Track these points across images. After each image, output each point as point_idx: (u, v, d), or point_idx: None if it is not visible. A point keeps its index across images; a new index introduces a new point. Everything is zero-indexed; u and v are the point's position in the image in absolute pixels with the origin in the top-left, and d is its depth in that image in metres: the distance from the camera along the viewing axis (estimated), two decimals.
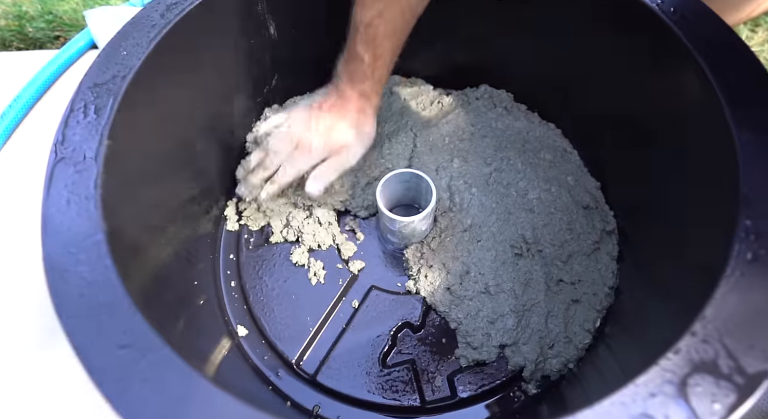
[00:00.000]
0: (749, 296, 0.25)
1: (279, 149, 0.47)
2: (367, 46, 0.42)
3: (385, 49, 0.42)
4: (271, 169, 0.48)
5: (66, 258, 0.28)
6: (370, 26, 0.41)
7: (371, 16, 0.40)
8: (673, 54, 0.35)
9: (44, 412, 0.45)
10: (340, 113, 0.46)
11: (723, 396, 0.23)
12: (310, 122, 0.47)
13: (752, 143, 0.29)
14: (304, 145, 0.47)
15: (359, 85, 0.45)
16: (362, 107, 0.46)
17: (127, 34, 0.37)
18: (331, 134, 0.47)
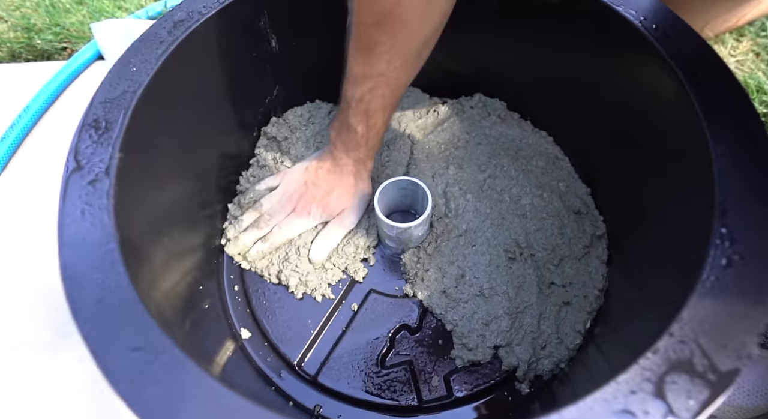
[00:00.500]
0: (723, 299, 0.27)
1: (275, 211, 0.50)
2: (359, 119, 0.43)
3: (377, 120, 0.44)
4: (265, 230, 0.49)
5: (81, 266, 0.30)
6: (362, 102, 0.42)
7: (362, 92, 0.41)
8: (655, 70, 0.37)
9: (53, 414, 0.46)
10: (337, 179, 0.49)
11: (697, 393, 0.24)
12: (307, 187, 0.49)
13: (727, 155, 0.30)
14: (302, 209, 0.49)
15: (354, 153, 0.47)
16: (358, 171, 0.48)
17: (136, 51, 0.39)
18: (329, 202, 0.49)
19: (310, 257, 0.49)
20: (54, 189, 0.58)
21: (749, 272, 0.27)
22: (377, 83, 0.40)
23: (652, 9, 0.39)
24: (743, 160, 0.30)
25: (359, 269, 0.50)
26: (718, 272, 0.27)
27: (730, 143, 0.31)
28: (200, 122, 0.45)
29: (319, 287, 0.49)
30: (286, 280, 0.49)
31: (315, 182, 0.49)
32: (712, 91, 0.33)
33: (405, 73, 0.41)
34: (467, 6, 0.49)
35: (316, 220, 0.50)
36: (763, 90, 0.61)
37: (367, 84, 0.41)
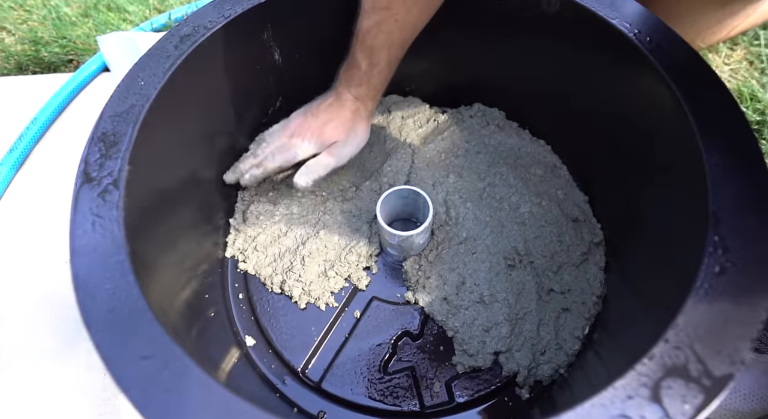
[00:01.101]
0: (717, 306, 0.28)
1: (272, 139, 0.50)
2: (364, 54, 0.45)
3: (381, 58, 0.45)
4: (260, 157, 0.49)
5: (93, 277, 0.31)
6: (368, 35, 0.43)
7: (369, 25, 0.43)
8: (650, 81, 0.38)
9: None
10: (336, 112, 0.49)
11: (692, 397, 0.25)
12: (306, 118, 0.50)
13: (720, 165, 0.31)
14: (296, 138, 0.49)
15: (356, 89, 0.48)
16: (357, 109, 0.49)
17: (144, 65, 0.40)
18: (324, 131, 0.49)
19: (294, 181, 0.48)
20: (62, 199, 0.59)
21: (742, 279, 0.28)
22: (384, 17, 0.41)
23: (645, 22, 0.40)
24: (735, 170, 0.31)
25: (362, 277, 0.51)
26: (712, 280, 0.28)
27: (722, 153, 0.32)
28: (205, 134, 0.46)
29: (322, 296, 0.50)
30: (289, 290, 0.50)
31: (314, 113, 0.49)
32: (705, 103, 0.34)
33: (414, 11, 0.42)
34: (467, 17, 0.50)
35: (310, 148, 0.49)
36: (756, 98, 0.62)
37: (375, 17, 0.42)
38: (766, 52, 0.67)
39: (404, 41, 0.44)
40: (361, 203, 0.54)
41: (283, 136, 0.50)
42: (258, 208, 0.54)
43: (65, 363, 0.49)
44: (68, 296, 0.52)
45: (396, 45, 0.44)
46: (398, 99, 0.62)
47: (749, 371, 0.41)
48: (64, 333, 0.51)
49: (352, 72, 0.47)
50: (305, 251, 0.51)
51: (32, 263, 0.55)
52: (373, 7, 0.41)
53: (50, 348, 0.50)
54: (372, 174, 0.56)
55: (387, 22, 0.42)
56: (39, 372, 0.49)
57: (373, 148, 0.57)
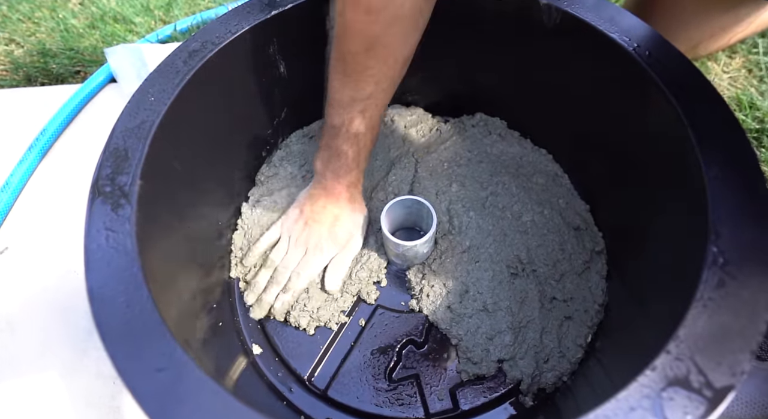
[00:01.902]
0: (717, 318, 0.28)
1: (287, 261, 0.50)
2: (350, 144, 0.45)
3: (366, 141, 0.45)
4: (283, 282, 0.49)
5: (107, 290, 0.31)
6: (351, 125, 0.43)
7: (351, 116, 0.43)
8: (649, 95, 0.38)
9: None
10: (335, 208, 0.49)
11: (694, 409, 0.26)
12: (309, 226, 0.50)
13: (719, 178, 0.32)
14: (314, 249, 0.49)
15: (345, 178, 0.48)
16: (352, 195, 0.50)
17: (154, 81, 0.41)
18: (336, 232, 0.50)
19: (326, 290, 0.49)
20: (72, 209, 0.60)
21: (741, 291, 0.29)
22: (366, 106, 0.42)
23: (644, 36, 0.41)
24: (734, 183, 0.32)
25: (371, 291, 0.51)
26: (712, 292, 0.29)
27: (722, 166, 0.32)
28: (214, 147, 0.47)
29: (332, 318, 0.50)
30: (296, 321, 0.49)
31: (315, 219, 0.49)
32: (704, 116, 0.35)
33: (391, 91, 0.43)
34: (468, 30, 0.51)
35: (331, 254, 0.50)
36: (755, 106, 0.63)
37: (357, 107, 0.42)
38: (765, 60, 0.68)
39: (382, 118, 0.46)
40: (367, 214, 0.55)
41: (298, 252, 0.50)
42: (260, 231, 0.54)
43: (75, 371, 0.50)
44: (78, 305, 0.54)
45: (377, 125, 0.45)
46: (401, 109, 0.62)
47: (750, 378, 0.42)
48: (74, 342, 0.52)
49: (339, 163, 0.46)
50: None
51: (43, 273, 0.56)
52: (353, 99, 0.42)
53: (60, 356, 0.51)
54: (377, 184, 0.56)
55: (369, 108, 0.43)
56: (49, 380, 0.50)
57: (377, 157, 0.58)
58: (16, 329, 0.53)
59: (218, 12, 0.79)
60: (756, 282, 0.28)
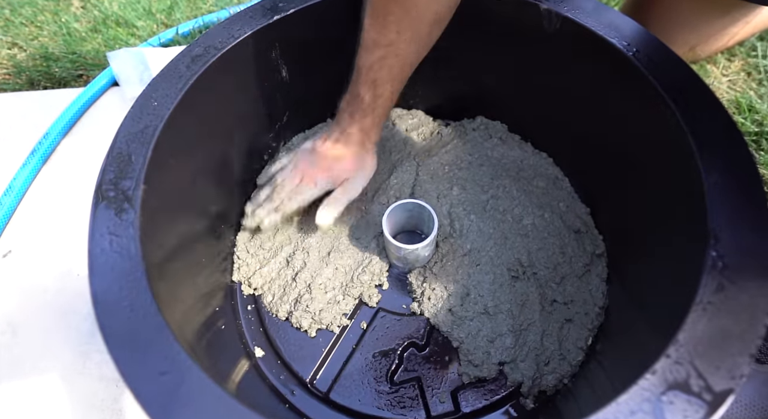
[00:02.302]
0: (716, 322, 0.28)
1: (285, 183, 0.51)
2: (367, 87, 0.46)
3: (384, 90, 0.46)
4: (277, 201, 0.51)
5: (111, 294, 0.32)
6: (371, 70, 0.44)
7: (372, 60, 0.44)
8: (649, 100, 0.39)
9: None
10: (342, 149, 0.50)
11: (693, 412, 0.26)
12: (314, 157, 0.51)
13: (719, 184, 0.32)
14: (309, 179, 0.50)
15: (360, 121, 0.48)
16: (363, 141, 0.50)
17: (157, 86, 0.41)
18: (334, 169, 0.50)
19: (316, 223, 0.50)
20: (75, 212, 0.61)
21: (740, 295, 0.29)
22: (387, 53, 0.43)
23: (644, 42, 0.41)
24: (733, 189, 0.32)
25: (373, 295, 0.51)
26: (712, 296, 0.29)
27: (721, 172, 0.33)
28: (216, 152, 0.48)
29: (334, 320, 0.50)
30: (298, 322, 0.50)
31: (321, 152, 0.51)
32: (704, 122, 0.35)
33: (414, 47, 0.43)
34: (470, 33, 0.52)
35: (322, 188, 0.51)
36: (754, 109, 0.63)
37: (378, 53, 0.43)
38: (764, 63, 0.68)
39: (404, 76, 0.46)
40: (368, 217, 0.55)
41: (295, 178, 0.51)
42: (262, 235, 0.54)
43: (77, 374, 0.50)
44: (80, 308, 0.54)
45: (397, 79, 0.46)
46: (402, 112, 0.63)
47: (750, 381, 0.42)
48: (77, 345, 0.52)
49: (356, 105, 0.47)
50: (315, 283, 0.51)
51: (45, 276, 0.56)
52: (375, 43, 0.43)
53: (62, 358, 0.51)
54: (379, 187, 0.57)
55: (389, 57, 0.43)
56: (51, 382, 0.50)
57: (379, 161, 0.58)
58: (18, 331, 0.53)
59: (220, 16, 0.80)
60: (755, 286, 0.29)
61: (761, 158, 0.59)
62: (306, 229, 0.55)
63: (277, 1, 0.47)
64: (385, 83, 0.45)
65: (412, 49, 0.44)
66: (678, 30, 0.62)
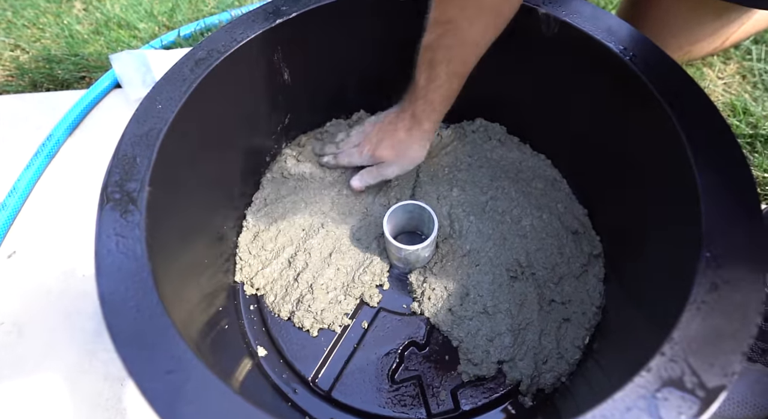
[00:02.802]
0: (710, 321, 0.29)
1: (348, 142, 0.57)
2: (423, 69, 0.44)
3: (440, 72, 0.43)
4: (337, 151, 0.57)
5: (118, 295, 0.32)
6: (428, 49, 0.43)
7: (430, 40, 0.42)
8: (646, 105, 0.39)
9: None
10: (391, 130, 0.51)
11: (687, 408, 0.27)
12: (371, 130, 0.54)
13: (713, 186, 0.33)
14: (358, 148, 0.54)
15: (412, 105, 0.48)
16: (410, 128, 0.49)
17: (161, 89, 0.42)
18: (377, 149, 0.52)
19: (350, 183, 0.55)
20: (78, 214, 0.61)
21: (733, 295, 0.30)
22: (444, 31, 0.41)
23: (641, 46, 0.42)
24: (727, 191, 0.33)
25: (374, 295, 0.52)
26: (706, 295, 0.30)
27: (714, 174, 0.33)
28: (219, 153, 0.48)
29: (336, 320, 0.51)
30: (300, 322, 0.50)
31: (378, 128, 0.53)
32: (698, 125, 0.36)
33: (478, 26, 0.40)
34: None
35: (363, 160, 0.54)
36: (749, 111, 0.64)
37: (436, 31, 0.41)
38: (758, 66, 0.69)
39: (465, 59, 0.43)
40: (369, 218, 0.56)
41: (353, 141, 0.56)
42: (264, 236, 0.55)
43: (83, 373, 0.51)
44: (85, 308, 0.54)
45: (456, 61, 0.42)
46: None
47: (742, 379, 0.43)
48: (81, 344, 0.52)
49: (412, 87, 0.47)
50: (317, 283, 0.52)
51: (50, 276, 0.57)
52: (435, 20, 0.41)
53: (67, 358, 0.52)
54: (380, 189, 0.58)
55: (447, 35, 0.41)
56: (56, 381, 0.51)
57: None
58: (24, 331, 0.53)
59: (222, 18, 0.80)
60: (747, 286, 0.29)
61: (755, 160, 0.60)
62: (308, 230, 0.55)
63: (279, 5, 0.48)
64: (441, 64, 0.43)
65: (476, 29, 0.40)
66: (673, 32, 0.63)
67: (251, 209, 0.57)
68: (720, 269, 0.30)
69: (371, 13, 0.51)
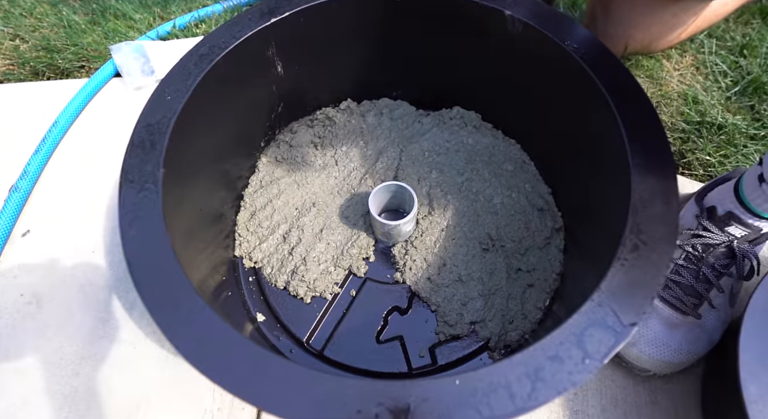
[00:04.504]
0: (630, 274, 0.36)
1: None
2: None
3: None
4: None
5: (143, 259, 0.38)
6: None
7: None
8: (593, 98, 0.45)
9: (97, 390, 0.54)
10: None
11: (607, 340, 0.33)
12: None
13: (641, 165, 0.40)
14: None
15: None
16: None
17: (170, 82, 0.47)
18: None
19: None
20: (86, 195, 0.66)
21: (650, 254, 0.36)
22: None
23: (591, 46, 0.48)
24: (651, 170, 0.40)
25: (361, 266, 0.58)
26: (628, 254, 0.37)
27: (642, 156, 0.40)
28: (221, 139, 0.53)
29: (327, 288, 0.56)
30: (295, 291, 0.56)
31: None
32: (633, 114, 0.42)
33: None
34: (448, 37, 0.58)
35: None
36: (699, 101, 0.71)
37: None
38: (710, 59, 0.76)
39: None
40: (356, 198, 0.62)
41: None
42: (260, 215, 0.60)
43: (99, 338, 0.56)
44: (97, 281, 0.60)
45: None
46: (389, 102, 0.69)
47: (678, 330, 0.50)
48: (96, 313, 0.58)
49: None
50: (308, 252, 0.57)
51: (63, 253, 0.62)
52: None
53: (85, 325, 0.57)
54: (366, 171, 0.63)
55: None
56: (77, 345, 0.56)
57: (368, 146, 0.65)
58: (42, 302, 0.59)
59: (215, 9, 0.84)
60: (661, 246, 0.36)
61: (701, 144, 0.67)
62: (300, 209, 0.61)
63: (273, 4, 0.53)
64: None
65: None
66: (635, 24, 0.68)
67: (248, 191, 0.63)
68: (641, 234, 0.37)
69: (357, 13, 0.56)
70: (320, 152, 0.65)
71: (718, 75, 0.74)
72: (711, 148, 0.66)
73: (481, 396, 0.32)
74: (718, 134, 0.67)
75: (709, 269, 0.49)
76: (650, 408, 0.52)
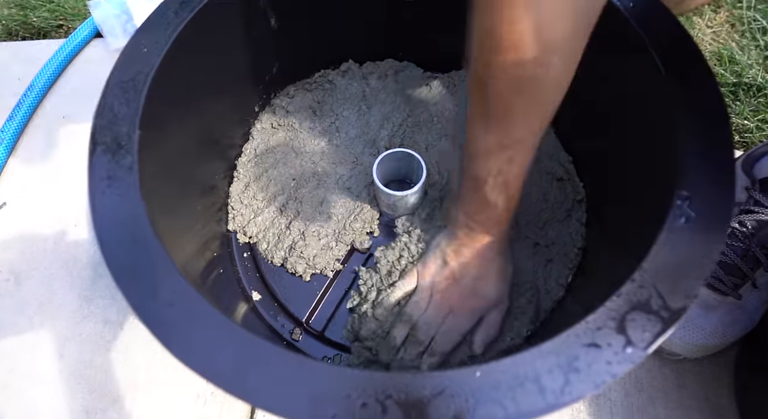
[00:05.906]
0: (677, 252, 0.31)
1: (430, 320, 0.44)
2: (498, 193, 0.39)
3: (518, 185, 0.40)
4: (426, 342, 0.44)
5: (114, 234, 0.33)
6: (500, 175, 0.38)
7: (500, 165, 0.37)
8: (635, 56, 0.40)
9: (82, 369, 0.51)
10: (483, 263, 0.44)
11: (652, 326, 0.29)
12: (455, 281, 0.45)
13: (687, 124, 0.34)
14: (460, 308, 0.44)
15: (496, 229, 0.43)
16: (501, 248, 0.45)
17: (146, 32, 0.41)
18: (485, 290, 0.45)
19: (473, 351, 0.45)
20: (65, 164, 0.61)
21: (699, 229, 0.32)
22: (516, 151, 0.36)
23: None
24: (701, 132, 0.34)
25: (365, 241, 0.53)
26: (673, 229, 0.32)
27: (689, 111, 0.35)
28: (207, 101, 0.48)
29: (328, 265, 0.52)
30: (293, 267, 0.52)
31: (461, 273, 0.45)
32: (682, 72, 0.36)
33: (543, 130, 0.36)
34: None
35: (478, 314, 0.45)
36: (734, 60, 0.65)
37: (506, 154, 0.37)
38: (748, 14, 0.69)
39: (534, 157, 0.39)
40: (360, 168, 0.56)
41: (438, 311, 0.45)
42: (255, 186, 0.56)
43: (84, 318, 0.53)
44: (81, 256, 0.56)
45: (527, 164, 0.38)
46: (394, 64, 0.63)
47: (714, 312, 0.46)
48: (81, 291, 0.54)
49: (489, 214, 0.41)
50: (307, 226, 0.53)
51: (42, 226, 0.57)
52: (500, 146, 0.36)
53: (68, 304, 0.53)
54: (370, 138, 0.58)
55: (519, 153, 0.37)
56: (60, 326, 0.52)
57: (371, 111, 0.59)
58: (21, 279, 0.55)
59: None
60: (713, 221, 0.31)
61: (737, 107, 0.61)
62: (299, 179, 0.56)
63: None
64: (518, 178, 0.39)
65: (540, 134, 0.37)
66: None
67: (241, 160, 0.58)
68: (690, 206, 0.32)
69: None
70: (319, 118, 0.60)
71: (757, 32, 0.68)
72: (748, 112, 0.60)
73: (505, 389, 0.27)
74: (756, 96, 0.61)
75: (759, 247, 0.44)
76: (678, 393, 0.48)
